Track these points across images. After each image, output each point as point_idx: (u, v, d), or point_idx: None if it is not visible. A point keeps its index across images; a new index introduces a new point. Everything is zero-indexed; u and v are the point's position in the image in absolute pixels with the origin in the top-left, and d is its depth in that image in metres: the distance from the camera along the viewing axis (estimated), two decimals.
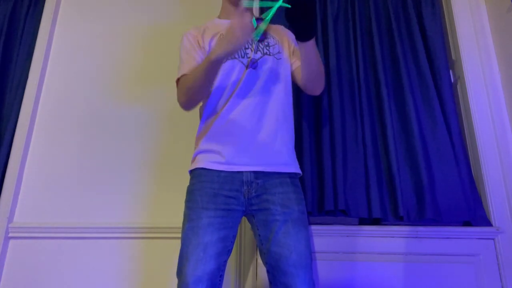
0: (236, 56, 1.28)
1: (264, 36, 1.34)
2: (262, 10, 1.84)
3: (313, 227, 1.50)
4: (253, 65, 1.27)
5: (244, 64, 1.27)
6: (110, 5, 1.98)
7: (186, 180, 1.27)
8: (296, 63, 1.35)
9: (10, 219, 1.65)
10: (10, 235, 1.64)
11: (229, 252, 1.17)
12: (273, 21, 1.76)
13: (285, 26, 1.43)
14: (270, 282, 1.13)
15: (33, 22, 1.97)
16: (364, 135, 1.58)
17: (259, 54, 1.29)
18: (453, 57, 1.74)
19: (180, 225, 1.19)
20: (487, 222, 1.47)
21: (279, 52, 1.32)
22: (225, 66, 1.27)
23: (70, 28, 1.96)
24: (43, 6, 1.98)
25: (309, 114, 1.63)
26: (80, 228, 1.62)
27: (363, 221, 1.53)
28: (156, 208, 1.64)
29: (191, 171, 1.26)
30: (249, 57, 1.28)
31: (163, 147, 1.72)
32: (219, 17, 1.42)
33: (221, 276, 1.15)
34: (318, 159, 1.58)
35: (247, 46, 1.30)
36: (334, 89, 1.63)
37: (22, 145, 1.74)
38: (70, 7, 2.00)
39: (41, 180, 1.72)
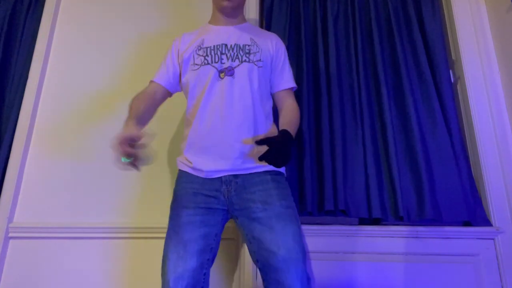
0: (210, 62, 1.29)
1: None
2: (262, 7, 1.84)
3: (313, 227, 1.50)
4: (229, 72, 1.27)
5: (218, 70, 1.28)
6: (110, 5, 1.98)
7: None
8: (276, 87, 1.35)
9: (10, 219, 1.65)
10: (10, 235, 1.64)
11: (212, 250, 1.17)
12: (270, 29, 1.76)
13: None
14: (263, 280, 1.13)
15: (33, 22, 1.97)
16: (364, 135, 1.58)
17: (236, 62, 1.29)
18: (453, 57, 1.74)
19: None
20: (487, 222, 1.47)
21: (260, 60, 1.31)
22: (199, 74, 1.29)
23: (70, 28, 1.96)
24: (43, 6, 1.98)
25: (309, 114, 1.63)
26: (80, 228, 1.61)
27: (363, 221, 1.53)
28: (156, 208, 1.64)
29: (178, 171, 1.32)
30: (225, 65, 1.28)
31: (163, 147, 1.72)
32: (209, 22, 1.44)
33: (205, 275, 1.14)
34: (318, 159, 1.58)
35: (222, 52, 1.31)
36: (334, 89, 1.63)
37: (22, 146, 1.74)
38: (70, 7, 2.00)
39: (41, 180, 1.72)
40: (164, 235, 1.28)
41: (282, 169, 1.27)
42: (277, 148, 1.08)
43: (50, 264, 1.60)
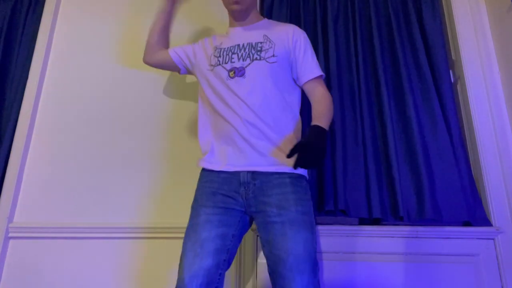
0: (221, 62, 1.31)
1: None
2: (262, 7, 1.84)
3: None
4: (239, 73, 1.28)
5: (227, 70, 1.29)
6: (110, 5, 1.98)
7: (187, 179, 1.28)
8: (301, 79, 1.33)
9: (10, 219, 1.65)
10: (10, 235, 1.64)
11: (229, 251, 1.17)
12: (281, 18, 1.76)
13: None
14: (272, 284, 1.13)
15: (33, 22, 1.97)
16: (364, 135, 1.58)
17: (247, 61, 1.29)
18: (453, 57, 1.74)
19: (181, 225, 1.23)
20: (487, 222, 1.47)
21: (272, 56, 1.31)
22: (212, 74, 1.32)
23: (70, 28, 1.96)
24: (43, 6, 1.98)
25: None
26: (80, 228, 1.61)
27: (363, 221, 1.53)
28: (155, 208, 1.64)
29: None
30: (234, 64, 1.29)
31: (165, 147, 1.72)
32: (229, 24, 1.47)
33: (221, 275, 1.15)
34: None
35: (234, 52, 1.32)
36: (334, 89, 1.63)
37: (22, 145, 1.74)
38: (70, 7, 2.00)
39: (41, 180, 1.72)
40: (163, 235, 1.28)
41: (304, 172, 1.25)
42: (307, 155, 1.08)
43: (50, 264, 1.60)
